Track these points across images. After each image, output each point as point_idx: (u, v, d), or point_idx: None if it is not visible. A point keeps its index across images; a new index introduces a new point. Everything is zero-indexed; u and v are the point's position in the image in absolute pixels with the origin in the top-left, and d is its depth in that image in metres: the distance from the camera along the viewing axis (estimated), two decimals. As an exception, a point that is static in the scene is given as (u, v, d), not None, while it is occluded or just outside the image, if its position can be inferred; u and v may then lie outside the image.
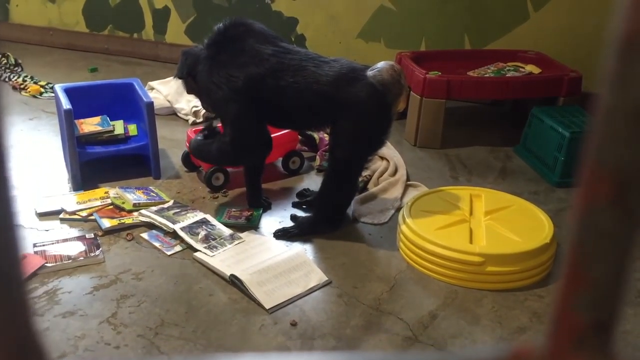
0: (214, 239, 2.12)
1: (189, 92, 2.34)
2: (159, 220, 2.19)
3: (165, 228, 2.17)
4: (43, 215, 2.30)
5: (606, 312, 0.35)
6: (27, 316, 0.35)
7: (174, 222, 2.18)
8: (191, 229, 2.15)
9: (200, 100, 2.36)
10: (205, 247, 2.07)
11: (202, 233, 2.14)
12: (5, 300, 0.34)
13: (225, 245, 2.09)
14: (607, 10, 3.26)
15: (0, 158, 0.32)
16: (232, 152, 2.22)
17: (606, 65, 0.32)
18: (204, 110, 3.02)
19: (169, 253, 2.09)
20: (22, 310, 0.34)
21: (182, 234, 2.13)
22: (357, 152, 2.16)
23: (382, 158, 2.75)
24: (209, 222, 2.22)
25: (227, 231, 2.18)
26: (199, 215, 2.25)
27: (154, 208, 2.29)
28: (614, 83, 0.31)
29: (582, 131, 2.64)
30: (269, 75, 2.11)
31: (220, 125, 2.35)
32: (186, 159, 2.68)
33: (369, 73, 2.09)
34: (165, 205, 2.33)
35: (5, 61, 3.89)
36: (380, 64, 2.12)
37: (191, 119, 3.22)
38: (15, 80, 3.68)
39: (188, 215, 2.24)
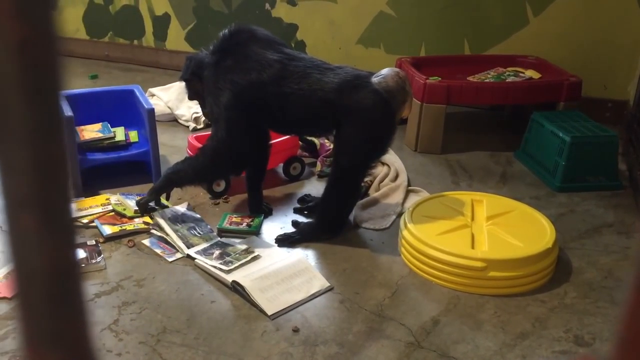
0: (228, 255, 2.08)
1: (191, 97, 2.34)
2: (174, 239, 2.16)
3: (179, 250, 2.13)
4: (44, 222, 2.29)
5: None
6: (85, 328, 0.31)
7: (188, 246, 2.14)
8: (205, 251, 2.11)
9: (201, 106, 2.36)
10: (220, 263, 2.03)
11: (217, 252, 2.10)
12: (63, 310, 0.29)
13: (240, 260, 2.04)
14: (606, 15, 3.27)
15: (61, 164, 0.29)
16: (215, 155, 2.20)
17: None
18: (204, 117, 3.02)
19: (170, 260, 2.09)
20: (80, 321, 0.31)
21: (196, 256, 2.08)
22: (360, 159, 2.16)
23: (383, 163, 2.74)
24: (224, 243, 2.17)
25: (241, 247, 2.13)
26: (212, 239, 2.19)
27: (168, 214, 2.28)
28: None
29: (582, 136, 2.65)
30: (273, 81, 2.11)
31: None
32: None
33: (374, 80, 2.09)
34: (180, 210, 2.32)
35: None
36: (385, 71, 2.11)
37: (192, 125, 3.22)
38: (16, 87, 3.68)
39: (203, 237, 2.20)
